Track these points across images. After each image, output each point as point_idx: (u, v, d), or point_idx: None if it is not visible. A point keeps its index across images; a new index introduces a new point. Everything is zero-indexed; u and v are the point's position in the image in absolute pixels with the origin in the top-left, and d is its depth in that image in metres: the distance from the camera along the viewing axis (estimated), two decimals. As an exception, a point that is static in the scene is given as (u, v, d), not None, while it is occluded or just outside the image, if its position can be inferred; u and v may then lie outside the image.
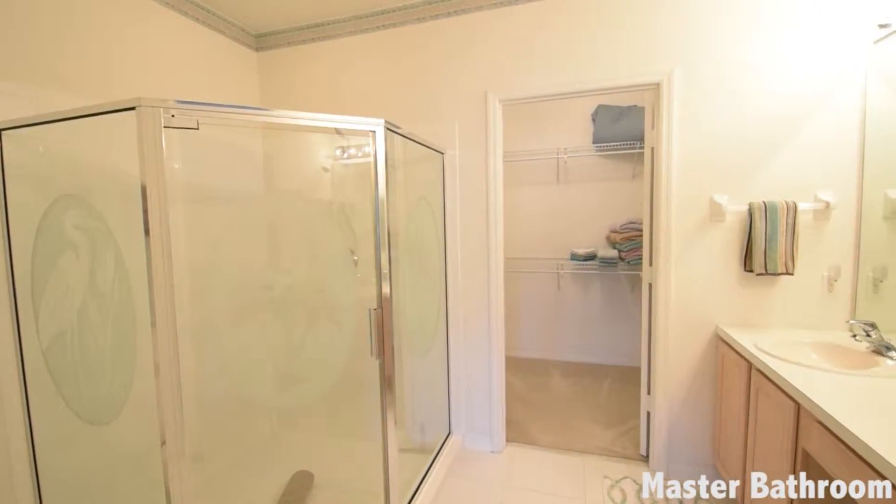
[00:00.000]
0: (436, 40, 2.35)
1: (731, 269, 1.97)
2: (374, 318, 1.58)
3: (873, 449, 0.96)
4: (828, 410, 1.14)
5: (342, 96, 2.56)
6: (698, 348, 2.05)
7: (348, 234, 2.27)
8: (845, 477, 1.09)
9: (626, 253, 3.34)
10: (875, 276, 1.75)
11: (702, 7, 1.93)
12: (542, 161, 3.76)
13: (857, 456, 1.03)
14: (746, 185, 1.92)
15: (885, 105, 1.69)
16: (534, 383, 3.37)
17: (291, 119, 1.55)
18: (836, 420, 1.09)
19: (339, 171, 2.46)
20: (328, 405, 2.21)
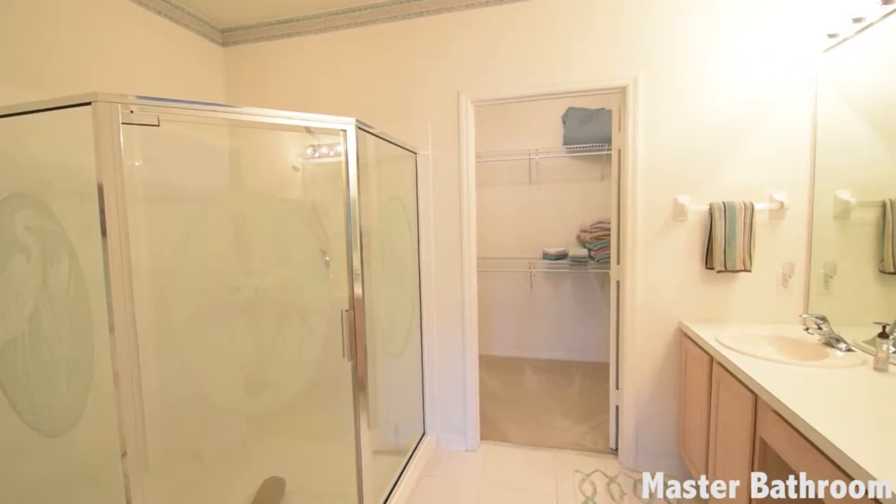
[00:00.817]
0: (408, 40, 2.34)
1: (693, 266, 2.05)
2: (346, 319, 1.56)
3: (821, 434, 1.02)
4: (782, 400, 1.20)
5: (313, 94, 2.52)
6: (663, 343, 2.12)
7: (320, 235, 2.23)
8: (797, 462, 1.15)
9: (596, 252, 3.42)
10: (826, 272, 1.86)
11: (663, 15, 2.00)
12: (514, 162, 3.81)
13: (808, 442, 1.09)
14: (707, 186, 2.01)
15: (834, 110, 1.80)
16: (507, 381, 3.41)
17: (259, 117, 1.51)
18: (790, 409, 1.16)
19: (311, 171, 2.42)
20: (300, 409, 2.16)
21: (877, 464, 0.89)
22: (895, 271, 1.51)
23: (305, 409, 2.18)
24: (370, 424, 1.68)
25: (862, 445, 0.96)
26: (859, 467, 0.90)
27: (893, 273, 1.52)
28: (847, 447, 0.95)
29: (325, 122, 1.59)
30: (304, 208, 2.41)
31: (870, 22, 1.59)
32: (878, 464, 0.89)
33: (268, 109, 1.50)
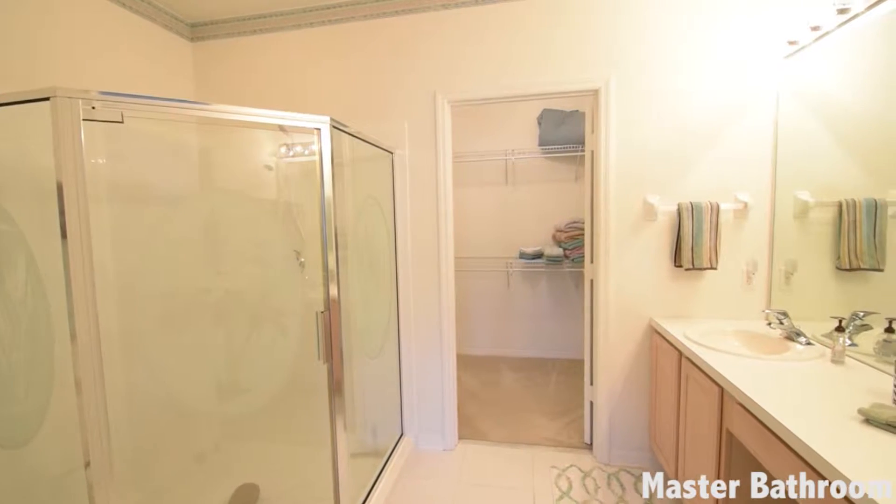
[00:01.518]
0: (384, 39, 2.33)
1: (662, 264, 2.11)
2: (322, 321, 1.55)
3: (782, 423, 1.07)
4: (746, 393, 1.25)
5: (287, 92, 2.47)
6: (635, 340, 2.18)
7: (294, 235, 2.19)
8: (760, 452, 1.20)
9: (571, 251, 3.48)
10: (787, 269, 1.94)
11: (633, 22, 2.06)
12: (491, 162, 3.84)
13: (770, 431, 1.14)
14: (676, 187, 2.07)
15: (794, 114, 1.88)
16: (485, 380, 3.44)
17: (230, 114, 1.48)
18: (753, 401, 1.21)
19: (284, 170, 2.38)
20: (274, 413, 2.12)
21: (835, 453, 0.94)
22: (850, 268, 1.59)
23: (280, 412, 2.14)
24: (347, 427, 1.66)
25: (819, 434, 1.01)
26: (816, 454, 0.94)
27: (849, 270, 1.60)
28: (805, 436, 1.00)
29: (298, 121, 1.56)
30: (277, 208, 2.37)
31: (826, 30, 1.67)
32: (836, 454, 0.94)
33: (239, 107, 1.47)
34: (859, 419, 1.07)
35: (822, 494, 0.94)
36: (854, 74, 1.61)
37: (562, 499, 1.97)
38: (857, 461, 0.90)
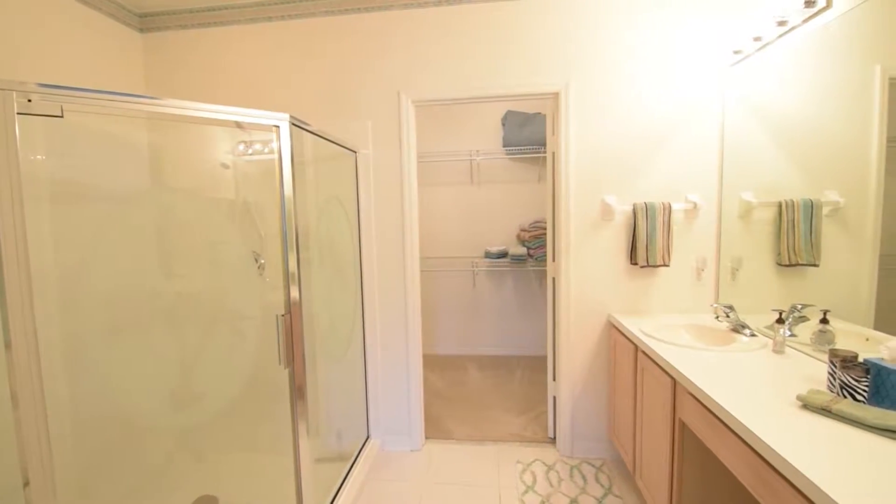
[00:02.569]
0: (347, 36, 2.29)
1: (620, 262, 2.19)
2: (283, 324, 1.51)
3: (727, 410, 1.14)
4: (695, 383, 1.32)
5: (245, 88, 2.39)
6: (595, 335, 2.25)
7: (253, 236, 2.12)
8: (708, 438, 1.27)
9: (534, 250, 3.56)
10: (733, 265, 2.07)
11: (591, 28, 2.13)
12: (456, 162, 3.86)
13: (716, 418, 1.21)
14: (632, 188, 2.16)
15: (738, 119, 2.00)
16: (451, 379, 3.45)
17: (183, 109, 1.42)
18: (702, 390, 1.28)
19: (243, 168, 2.30)
20: (232, 421, 2.05)
21: (775, 437, 1.01)
22: (790, 264, 1.71)
23: (239, 420, 2.07)
24: (310, 432, 1.63)
25: (761, 419, 1.08)
26: (758, 438, 1.01)
27: (788, 265, 1.72)
28: (748, 421, 1.07)
29: (256, 118, 1.52)
30: (235, 208, 2.28)
31: (767, 41, 1.79)
32: (776, 437, 1.01)
33: (192, 102, 1.41)
34: (798, 405, 1.15)
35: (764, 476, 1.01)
36: (792, 82, 1.72)
37: (527, 493, 2.01)
38: (794, 443, 0.97)
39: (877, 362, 1.12)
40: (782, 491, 0.94)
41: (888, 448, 0.94)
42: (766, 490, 1.01)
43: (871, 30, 1.34)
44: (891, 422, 0.98)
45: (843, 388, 1.16)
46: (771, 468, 0.98)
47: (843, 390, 1.16)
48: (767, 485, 1.00)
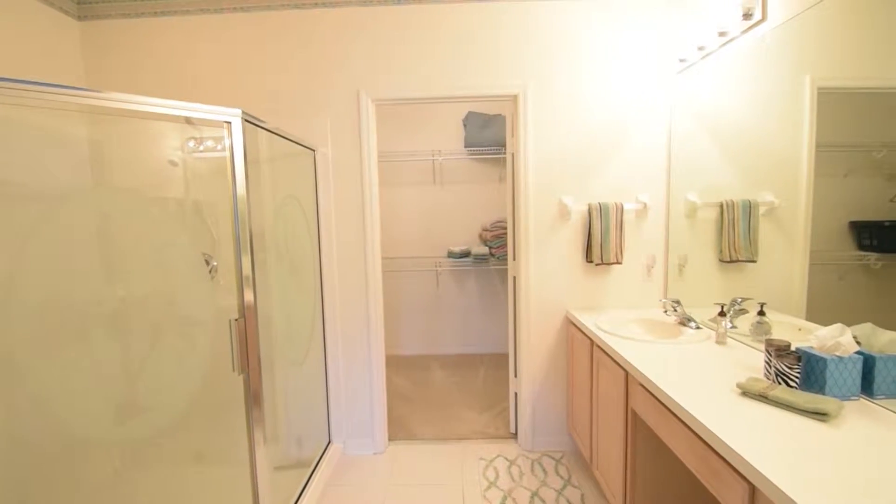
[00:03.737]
0: (305, 32, 2.24)
1: (577, 260, 2.27)
2: (236, 328, 1.45)
3: (673, 398, 1.20)
4: (645, 374, 1.39)
5: (196, 82, 2.29)
6: (554, 332, 2.32)
7: (204, 237, 2.03)
8: (657, 425, 1.34)
9: (496, 249, 3.61)
10: (679, 262, 2.18)
11: (547, 34, 2.18)
12: (418, 162, 3.85)
13: (664, 406, 1.27)
14: (587, 189, 2.23)
15: (684, 124, 2.11)
16: (415, 379, 3.44)
17: (126, 103, 1.34)
18: (650, 380, 1.34)
19: (193, 166, 2.20)
20: (185, 432, 1.94)
21: (715, 421, 1.07)
22: (730, 260, 1.82)
23: (191, 431, 1.97)
24: (267, 440, 1.57)
25: (703, 406, 1.15)
26: (700, 423, 1.07)
27: (729, 262, 1.83)
28: (692, 408, 1.13)
29: (206, 113, 1.45)
30: (184, 208, 2.17)
31: (710, 50, 1.90)
32: (716, 422, 1.07)
33: (137, 96, 1.34)
34: (737, 392, 1.23)
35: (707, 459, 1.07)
36: (732, 90, 1.83)
37: (489, 489, 2.04)
38: (733, 428, 1.03)
39: (807, 350, 1.22)
40: (724, 473, 1.00)
41: (817, 429, 1.02)
42: (709, 473, 1.07)
43: (802, 43, 1.45)
44: (819, 405, 1.07)
45: (777, 376, 1.25)
46: (713, 452, 1.04)
47: (778, 377, 1.24)
48: (710, 468, 1.06)
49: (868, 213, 1.26)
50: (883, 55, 1.20)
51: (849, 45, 1.30)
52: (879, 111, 1.24)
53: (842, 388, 1.15)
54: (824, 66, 1.39)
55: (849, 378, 1.15)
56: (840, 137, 1.36)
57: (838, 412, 1.06)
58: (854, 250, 1.29)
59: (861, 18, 1.25)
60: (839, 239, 1.33)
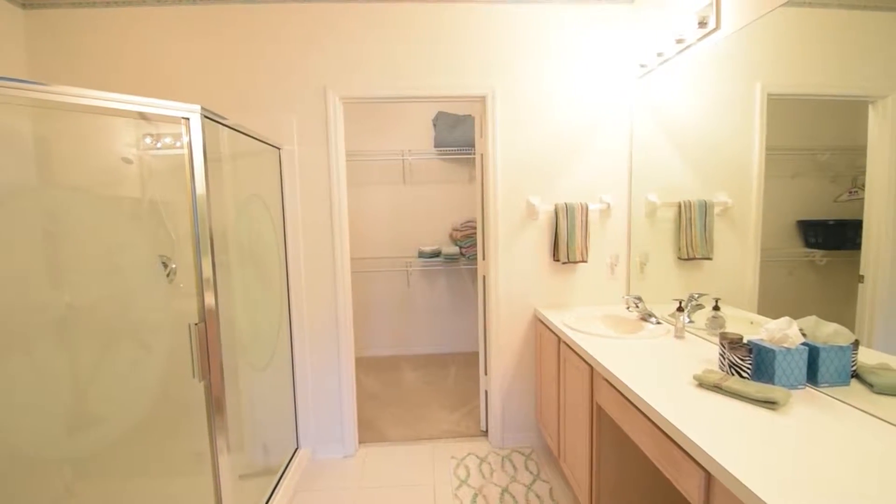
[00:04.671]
0: (269, 26, 2.17)
1: (544, 259, 2.31)
2: (197, 333, 1.40)
3: (633, 390, 1.25)
4: (608, 368, 1.43)
5: (154, 76, 2.18)
6: (523, 329, 2.35)
7: (163, 239, 1.94)
8: (620, 417, 1.38)
9: (466, 249, 3.63)
10: (641, 260, 2.26)
11: (514, 37, 2.21)
12: (388, 162, 3.83)
13: (625, 399, 1.32)
14: (553, 189, 2.28)
15: (644, 128, 2.19)
16: (386, 380, 3.42)
17: (76, 98, 1.27)
18: (613, 374, 1.39)
19: (150, 164, 2.10)
20: (141, 442, 1.85)
21: (672, 411, 1.11)
22: (688, 258, 1.90)
23: (149, 441, 1.88)
24: (231, 448, 1.52)
25: (661, 397, 1.19)
26: (658, 413, 1.12)
27: (687, 259, 1.91)
28: (651, 399, 1.17)
29: (162, 108, 1.40)
30: (141, 208, 2.07)
31: (668, 57, 1.97)
32: (673, 412, 1.11)
33: (87, 90, 1.27)
34: (694, 383, 1.28)
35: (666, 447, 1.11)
36: (689, 95, 1.91)
37: (460, 487, 2.05)
38: (689, 418, 1.08)
39: (757, 343, 1.28)
40: (682, 462, 1.04)
41: (767, 416, 1.08)
42: (668, 462, 1.11)
43: (753, 51, 1.52)
44: (769, 394, 1.13)
45: (731, 367, 1.31)
46: (672, 441, 1.08)
47: (732, 369, 1.31)
48: (670, 457, 1.10)
49: (814, 212, 1.34)
50: (826, 65, 1.27)
51: (796, 54, 1.38)
52: (824, 117, 1.32)
53: (789, 377, 1.22)
54: (774, 74, 1.47)
55: (795, 368, 1.22)
56: (788, 141, 1.44)
57: (786, 400, 1.12)
58: (801, 248, 1.37)
59: (805, 30, 1.33)
60: (788, 237, 1.41)
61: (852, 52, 1.19)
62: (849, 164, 1.20)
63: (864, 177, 1.15)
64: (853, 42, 1.18)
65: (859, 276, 1.17)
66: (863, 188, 1.16)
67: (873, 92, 1.13)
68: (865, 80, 1.15)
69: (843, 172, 1.23)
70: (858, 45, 1.17)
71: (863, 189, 1.16)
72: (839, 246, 1.25)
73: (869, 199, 1.14)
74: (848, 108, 1.22)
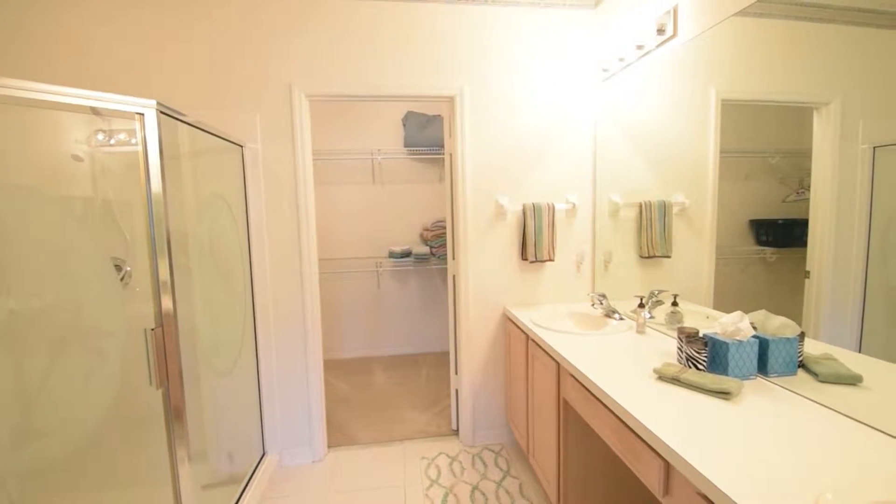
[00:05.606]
0: (234, 20, 2.10)
1: (513, 258, 2.34)
2: (153, 339, 1.34)
3: (597, 385, 1.28)
4: (574, 363, 1.47)
5: (105, 68, 2.07)
6: (492, 328, 2.38)
7: (117, 240, 1.85)
8: (585, 412, 1.42)
9: (437, 249, 3.64)
10: (605, 258, 2.32)
11: (481, 38, 2.23)
12: (357, 161, 3.78)
13: (590, 393, 1.35)
14: (521, 189, 2.32)
15: (607, 130, 2.25)
16: (357, 382, 3.38)
17: (17, 90, 1.19)
18: (578, 369, 1.42)
19: (103, 162, 2.00)
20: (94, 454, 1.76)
21: (633, 403, 1.15)
22: (649, 256, 1.97)
23: (104, 452, 1.79)
24: (194, 457, 1.47)
25: (623, 390, 1.23)
26: (620, 405, 1.15)
27: (648, 257, 1.97)
28: (613, 392, 1.21)
29: (115, 103, 1.33)
30: (93, 208, 1.97)
31: (630, 62, 2.03)
32: (634, 403, 1.15)
33: (31, 82, 1.20)
34: (654, 376, 1.33)
35: (628, 438, 1.15)
36: (650, 99, 1.98)
37: (431, 487, 2.05)
38: (649, 409, 1.12)
39: (712, 336, 1.34)
40: (643, 452, 1.08)
41: (722, 406, 1.13)
42: (631, 453, 1.15)
43: (708, 58, 1.59)
44: (723, 385, 1.18)
45: (688, 360, 1.37)
46: (633, 433, 1.12)
47: (689, 361, 1.36)
48: (632, 448, 1.14)
49: (765, 212, 1.41)
50: (774, 72, 1.35)
51: (747, 62, 1.44)
52: (773, 121, 1.40)
53: (742, 368, 1.29)
54: (727, 80, 1.53)
55: (747, 360, 1.29)
56: (741, 144, 1.51)
57: (739, 390, 1.18)
58: (753, 245, 1.44)
59: (756, 40, 1.41)
60: (741, 235, 1.48)
61: (799, 61, 1.26)
62: (796, 167, 1.27)
63: (810, 178, 1.22)
64: (799, 51, 1.26)
65: (806, 272, 1.24)
66: (808, 189, 1.22)
67: (817, 99, 1.20)
68: (810, 87, 1.23)
69: (790, 174, 1.30)
70: (804, 54, 1.24)
71: (808, 190, 1.22)
72: (788, 244, 1.32)
73: (814, 199, 1.21)
74: (795, 113, 1.29)
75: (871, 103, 1.06)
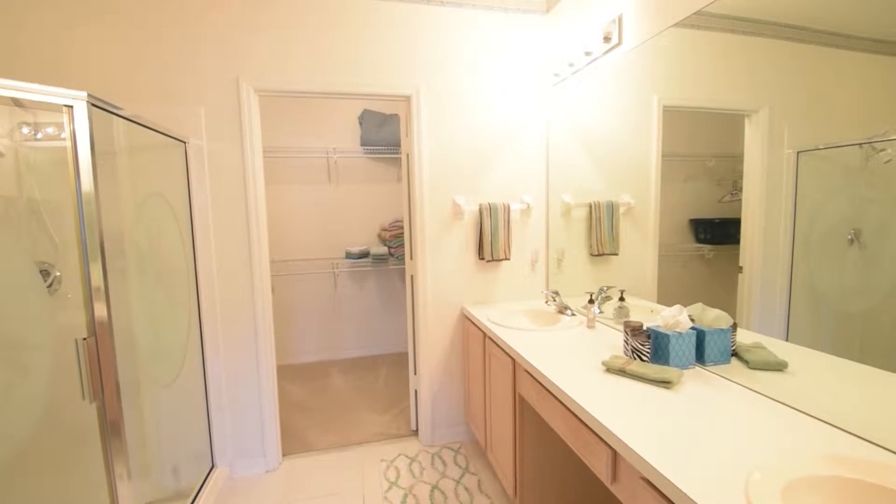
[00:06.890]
0: (176, 8, 1.98)
1: (470, 257, 2.37)
2: (86, 349, 1.24)
3: (548, 378, 1.32)
4: (527, 359, 1.50)
5: (33, 58, 1.90)
6: (451, 327, 2.39)
7: (43, 243, 1.70)
8: (539, 405, 1.45)
9: (395, 249, 3.61)
10: (558, 257, 2.40)
11: (437, 40, 2.24)
12: (312, 159, 3.69)
13: (542, 387, 1.39)
14: (478, 189, 2.34)
15: (559, 132, 2.32)
16: (313, 387, 3.29)
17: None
18: (531, 364, 1.46)
19: (28, 158, 1.83)
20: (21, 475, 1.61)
21: (581, 394, 1.20)
22: (599, 254, 2.05)
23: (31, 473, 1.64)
24: (132, 474, 1.38)
25: (573, 382, 1.27)
26: (569, 397, 1.19)
27: (598, 255, 2.05)
28: (563, 384, 1.25)
29: (39, 94, 1.23)
30: (15, 208, 1.80)
31: (579, 67, 2.10)
32: (582, 394, 1.20)
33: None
34: (602, 369, 1.39)
35: (578, 428, 1.19)
36: (597, 103, 2.05)
37: (390, 489, 2.03)
38: (597, 400, 1.17)
39: (655, 329, 1.42)
40: (592, 442, 1.13)
41: (663, 395, 1.20)
42: (581, 444, 1.19)
43: (651, 65, 1.67)
44: (665, 375, 1.25)
45: (633, 352, 1.44)
46: (583, 424, 1.16)
47: (634, 353, 1.43)
48: (582, 439, 1.18)
49: (703, 212, 1.50)
50: (710, 81, 1.44)
51: (686, 70, 1.53)
52: (710, 127, 1.49)
53: (682, 358, 1.37)
54: (668, 87, 1.62)
55: (686, 350, 1.37)
56: (681, 148, 1.60)
57: (679, 379, 1.25)
58: (693, 243, 1.53)
59: (694, 50, 1.49)
60: (682, 234, 1.57)
61: (731, 72, 1.35)
62: (730, 170, 1.36)
63: (742, 181, 1.31)
64: (732, 62, 1.35)
65: (739, 267, 1.33)
66: (741, 191, 1.32)
67: (748, 106, 1.29)
68: (742, 95, 1.32)
69: (726, 177, 1.39)
70: (736, 65, 1.33)
71: (741, 191, 1.32)
72: (723, 241, 1.41)
73: (746, 200, 1.31)
74: (729, 119, 1.38)
75: (795, 112, 1.16)
